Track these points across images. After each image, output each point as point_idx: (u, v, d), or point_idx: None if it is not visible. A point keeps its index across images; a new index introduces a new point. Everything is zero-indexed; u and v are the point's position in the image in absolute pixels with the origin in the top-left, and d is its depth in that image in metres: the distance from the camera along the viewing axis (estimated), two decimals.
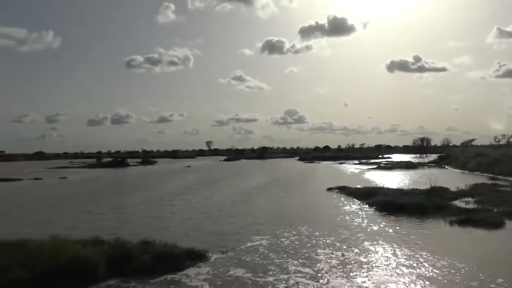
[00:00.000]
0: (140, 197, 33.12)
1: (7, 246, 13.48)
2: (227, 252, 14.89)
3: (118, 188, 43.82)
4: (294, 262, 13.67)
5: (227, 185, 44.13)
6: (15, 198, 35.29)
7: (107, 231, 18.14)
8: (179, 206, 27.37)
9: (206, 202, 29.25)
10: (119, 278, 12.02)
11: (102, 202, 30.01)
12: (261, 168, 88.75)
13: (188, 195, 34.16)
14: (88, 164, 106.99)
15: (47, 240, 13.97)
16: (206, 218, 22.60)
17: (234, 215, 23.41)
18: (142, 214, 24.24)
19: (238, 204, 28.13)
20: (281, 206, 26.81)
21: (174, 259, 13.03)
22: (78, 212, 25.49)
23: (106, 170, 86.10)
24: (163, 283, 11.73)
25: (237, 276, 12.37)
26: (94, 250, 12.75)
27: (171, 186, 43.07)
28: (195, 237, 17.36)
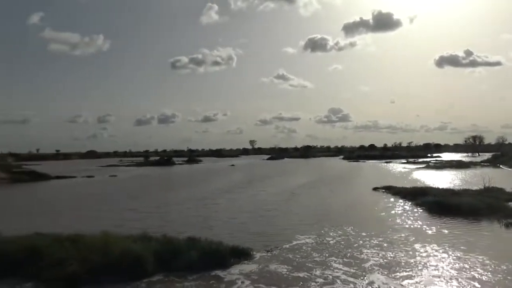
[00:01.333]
0: (186, 195, 33.86)
1: (63, 241, 14.24)
2: (271, 251, 14.92)
3: (164, 186, 45.04)
4: (338, 261, 13.51)
5: (271, 184, 44.19)
6: (70, 195, 37.14)
7: (154, 227, 18.70)
8: (223, 205, 27.73)
9: (250, 201, 29.46)
10: (167, 273, 12.36)
11: (149, 200, 30.98)
12: (305, 167, 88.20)
13: (232, 193, 34.54)
14: (136, 163, 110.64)
15: (99, 236, 14.62)
16: (250, 217, 22.75)
17: (278, 214, 23.42)
18: (187, 212, 24.79)
19: (282, 203, 28.09)
20: (326, 206, 26.49)
21: (220, 256, 13.22)
22: (127, 209, 26.47)
23: (153, 168, 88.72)
24: (208, 279, 11.93)
25: (281, 273, 12.37)
26: (143, 246, 13.18)
27: (215, 185, 43.71)
28: (240, 236, 17.51)
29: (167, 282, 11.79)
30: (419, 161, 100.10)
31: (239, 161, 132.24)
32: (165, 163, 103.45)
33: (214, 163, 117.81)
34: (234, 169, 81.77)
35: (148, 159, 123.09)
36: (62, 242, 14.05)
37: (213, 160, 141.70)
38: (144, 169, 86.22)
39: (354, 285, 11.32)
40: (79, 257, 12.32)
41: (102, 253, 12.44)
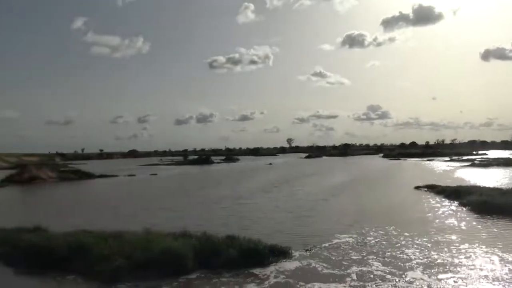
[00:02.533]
0: (223, 193, 34.19)
1: (107, 238, 14.77)
2: (310, 250, 14.79)
3: (202, 184, 45.68)
4: (378, 260, 13.25)
5: (309, 182, 43.87)
6: (113, 193, 38.41)
7: (193, 225, 18.87)
8: (260, 204, 27.77)
9: (287, 200, 29.35)
10: (206, 270, 12.52)
11: (188, 198, 31.54)
12: (343, 165, 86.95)
13: (269, 192, 34.56)
14: (175, 162, 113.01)
15: (141, 233, 15.05)
16: (288, 216, 22.66)
17: (316, 214, 23.19)
18: (225, 211, 25.01)
19: (320, 202, 27.81)
20: (366, 205, 25.95)
21: (258, 255, 13.25)
22: (167, 206, 27.05)
23: (192, 167, 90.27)
24: (247, 277, 11.98)
25: (320, 272, 12.26)
26: (183, 243, 13.42)
27: (252, 184, 43.89)
28: (277, 235, 17.45)
29: (206, 279, 11.94)
30: (463, 159, 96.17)
31: (276, 159, 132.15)
32: (203, 162, 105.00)
33: (252, 161, 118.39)
34: (271, 167, 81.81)
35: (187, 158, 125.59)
36: (107, 238, 14.60)
37: (250, 159, 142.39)
38: (183, 167, 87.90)
39: (394, 283, 11.07)
40: (123, 254, 12.73)
41: (144, 250, 12.78)
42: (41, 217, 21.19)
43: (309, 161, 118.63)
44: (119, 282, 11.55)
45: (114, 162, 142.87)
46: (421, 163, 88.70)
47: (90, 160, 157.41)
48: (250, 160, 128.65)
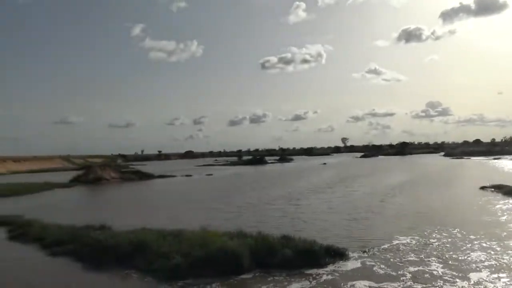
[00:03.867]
0: (278, 194, 34.18)
1: (166, 236, 15.30)
2: (368, 251, 14.40)
3: (257, 185, 45.98)
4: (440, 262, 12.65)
5: (365, 182, 42.78)
6: (171, 193, 39.67)
7: (248, 225, 19.08)
8: (315, 204, 27.41)
9: (343, 201, 28.78)
10: (262, 270, 12.57)
11: (243, 198, 31.87)
12: (401, 164, 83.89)
13: (324, 193, 34.09)
14: (230, 162, 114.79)
15: (198, 231, 15.42)
16: (343, 217, 22.17)
17: (373, 215, 22.53)
18: (278, 211, 24.92)
19: (377, 203, 26.96)
20: (426, 206, 24.77)
21: (314, 255, 13.10)
22: (222, 206, 27.54)
23: (247, 167, 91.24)
24: (303, 277, 11.88)
25: (378, 273, 11.91)
26: (239, 242, 13.57)
27: (306, 184, 43.55)
28: (333, 235, 17.18)
29: (262, 278, 11.99)
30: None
31: (330, 159, 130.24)
32: (257, 162, 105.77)
33: (306, 161, 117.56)
34: (325, 167, 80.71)
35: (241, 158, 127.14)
36: (166, 236, 15.14)
37: (304, 159, 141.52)
38: (238, 168, 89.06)
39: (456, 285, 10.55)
40: (181, 251, 13.12)
41: (201, 248, 13.08)
42: (106, 216, 22.40)
43: (365, 160, 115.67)
44: (178, 279, 11.90)
45: (171, 162, 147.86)
46: (486, 162, 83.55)
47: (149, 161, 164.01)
48: (304, 160, 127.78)
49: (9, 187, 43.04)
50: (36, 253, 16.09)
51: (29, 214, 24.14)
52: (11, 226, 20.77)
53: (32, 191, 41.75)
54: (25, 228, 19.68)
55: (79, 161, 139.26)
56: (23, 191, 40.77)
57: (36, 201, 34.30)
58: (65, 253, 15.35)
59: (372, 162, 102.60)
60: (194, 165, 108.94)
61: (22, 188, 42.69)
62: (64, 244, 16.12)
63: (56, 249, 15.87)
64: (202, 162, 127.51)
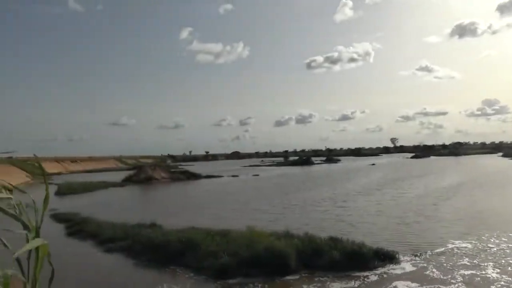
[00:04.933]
0: (323, 195, 33.67)
1: (214, 235, 15.55)
2: (420, 255, 13.86)
3: (303, 185, 45.60)
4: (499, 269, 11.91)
5: (416, 184, 41.24)
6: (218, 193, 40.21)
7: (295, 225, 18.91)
8: (364, 206, 26.73)
9: (393, 203, 27.86)
10: (309, 271, 12.45)
11: (288, 198, 31.70)
12: (455, 165, 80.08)
13: (372, 195, 33.19)
14: (276, 163, 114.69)
15: (245, 231, 15.52)
16: (393, 219, 21.46)
17: (424, 218, 21.62)
18: (325, 212, 24.60)
19: (430, 206, 25.84)
20: (484, 209, 23.45)
21: (362, 258, 12.82)
22: (268, 206, 27.58)
23: (293, 168, 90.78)
24: (351, 280, 11.65)
25: (431, 277, 11.43)
26: (285, 243, 13.52)
27: (354, 185, 42.65)
28: (383, 239, 16.65)
29: (309, 279, 11.88)
30: None
31: (379, 160, 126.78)
32: (304, 162, 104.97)
33: (353, 162, 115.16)
34: (374, 168, 78.65)
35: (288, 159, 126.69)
36: (214, 236, 15.38)
37: (351, 159, 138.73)
38: (284, 168, 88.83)
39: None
40: (229, 251, 13.27)
41: (249, 248, 13.16)
42: (156, 214, 23.11)
43: (416, 161, 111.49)
44: (225, 278, 12.05)
45: (218, 163, 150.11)
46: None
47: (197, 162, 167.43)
48: (352, 161, 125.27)
49: (67, 186, 45.52)
50: (92, 249, 16.90)
51: (85, 211, 25.41)
52: (69, 223, 21.95)
53: (88, 189, 43.95)
54: (82, 225, 20.75)
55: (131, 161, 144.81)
56: (80, 190, 42.99)
57: (91, 199, 36.04)
58: (118, 249, 16.04)
59: (423, 163, 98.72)
60: (240, 165, 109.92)
61: (79, 187, 44.99)
62: (117, 241, 16.84)
63: (110, 245, 16.61)
64: (249, 163, 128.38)
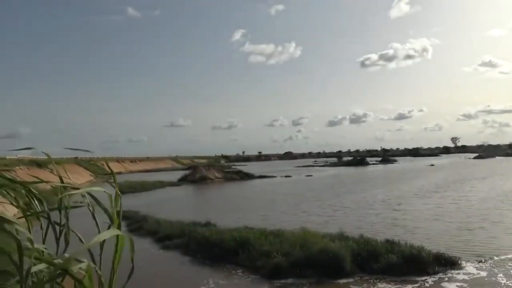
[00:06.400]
0: (378, 197, 32.72)
1: (267, 235, 15.65)
2: (485, 261, 13.10)
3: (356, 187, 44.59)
4: None
5: (480, 186, 38.95)
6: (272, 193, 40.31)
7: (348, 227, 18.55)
8: (421, 209, 25.55)
9: (453, 206, 26.39)
10: (365, 274, 12.18)
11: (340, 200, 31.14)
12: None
13: (431, 197, 31.71)
14: (330, 163, 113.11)
15: (299, 232, 15.47)
16: (454, 224, 20.28)
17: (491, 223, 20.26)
18: (379, 214, 23.86)
19: (495, 209, 24.32)
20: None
21: (421, 262, 12.34)
22: (319, 208, 27.29)
23: (347, 168, 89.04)
24: (409, 285, 11.25)
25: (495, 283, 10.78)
26: (340, 245, 13.32)
27: (411, 187, 41.11)
28: (442, 242, 15.94)
29: (365, 283, 11.62)
30: None
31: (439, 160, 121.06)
32: (358, 163, 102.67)
33: (411, 162, 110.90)
34: (433, 169, 75.23)
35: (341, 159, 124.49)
36: (267, 236, 15.49)
37: (409, 160, 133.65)
38: (338, 169, 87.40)
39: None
40: (282, 251, 13.30)
41: (303, 249, 13.11)
42: (210, 213, 23.66)
43: (479, 162, 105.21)
44: (279, 278, 12.08)
45: (271, 163, 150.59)
46: None
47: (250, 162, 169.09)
48: (409, 161, 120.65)
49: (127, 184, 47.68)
50: (151, 245, 17.60)
51: (144, 209, 26.48)
52: (129, 220, 22.98)
53: (146, 188, 45.80)
54: (141, 223, 21.65)
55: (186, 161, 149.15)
56: (139, 189, 44.88)
57: (150, 198, 37.52)
58: (175, 246, 16.61)
59: (487, 163, 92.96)
60: (293, 166, 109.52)
61: (138, 185, 46.96)
62: (174, 238, 17.43)
63: (167, 242, 17.24)
64: (301, 163, 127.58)
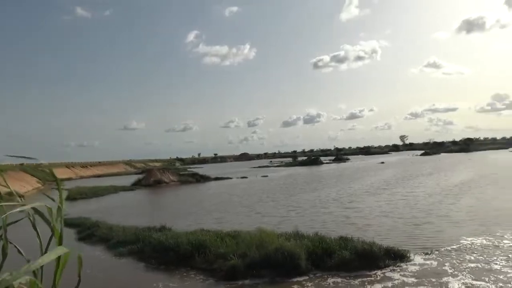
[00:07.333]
0: (332, 195, 33.53)
1: (223, 237, 15.56)
2: (431, 253, 13.75)
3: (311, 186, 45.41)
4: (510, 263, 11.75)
5: (427, 182, 40.92)
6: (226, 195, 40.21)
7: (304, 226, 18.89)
8: (372, 206, 26.46)
9: (402, 202, 27.58)
10: (320, 271, 12.40)
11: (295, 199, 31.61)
12: (466, 162, 79.21)
13: (382, 194, 32.97)
14: (285, 163, 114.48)
15: (255, 232, 15.51)
16: (403, 219, 21.17)
17: (436, 217, 21.33)
18: (332, 213, 24.35)
19: (438, 204, 25.58)
20: (498, 206, 23.08)
21: (373, 257, 12.74)
22: (275, 208, 27.53)
23: (302, 168, 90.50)
24: (362, 279, 11.58)
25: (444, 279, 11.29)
26: (295, 244, 13.49)
27: (363, 184, 42.44)
28: (392, 237, 16.51)
29: (320, 280, 11.83)
30: None
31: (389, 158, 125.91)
32: (312, 162, 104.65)
33: (362, 161, 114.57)
34: (383, 167, 78.12)
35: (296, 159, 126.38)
36: (223, 237, 15.39)
37: (361, 158, 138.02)
38: (293, 169, 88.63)
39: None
40: (238, 252, 13.27)
41: (258, 249, 13.14)
42: (165, 217, 23.20)
43: (426, 158, 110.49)
44: (236, 279, 12.05)
45: (227, 165, 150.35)
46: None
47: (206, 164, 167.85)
48: (361, 160, 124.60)
49: (77, 190, 45.87)
50: (103, 252, 17.00)
51: (96, 215, 25.59)
52: (80, 228, 22.10)
53: (98, 194, 44.28)
54: (93, 229, 20.87)
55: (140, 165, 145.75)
56: (91, 194, 43.32)
57: (102, 204, 36.29)
58: (129, 253, 16.12)
59: (433, 160, 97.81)
60: (249, 167, 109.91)
61: (89, 191, 45.32)
62: (127, 244, 16.92)
63: (120, 249, 16.70)
64: (257, 164, 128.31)
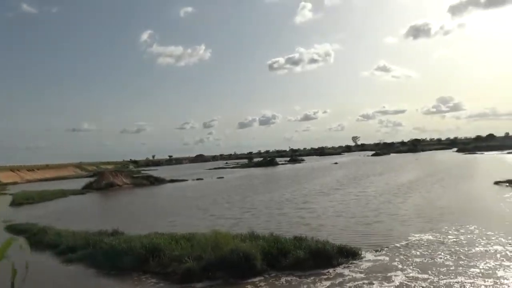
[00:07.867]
0: (286, 195, 33.93)
1: (178, 239, 15.33)
2: (381, 250, 14.26)
3: (266, 187, 45.85)
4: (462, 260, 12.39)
5: (377, 181, 42.40)
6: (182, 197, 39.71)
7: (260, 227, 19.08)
8: (325, 206, 27.02)
9: (354, 201, 28.46)
10: (275, 271, 12.52)
11: (250, 201, 31.75)
12: (413, 162, 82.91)
13: (335, 194, 33.80)
14: (241, 164, 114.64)
15: (210, 235, 15.39)
16: (355, 217, 21.90)
17: (385, 214, 22.20)
18: (286, 213, 24.63)
19: (388, 202, 26.59)
20: (443, 204, 24.33)
21: (327, 255, 13.02)
22: (230, 209, 27.50)
23: (257, 169, 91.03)
24: (316, 278, 11.80)
25: (392, 273, 11.75)
26: (251, 244, 13.52)
27: (317, 185, 43.31)
28: (345, 236, 16.96)
29: (275, 279, 11.93)
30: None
31: (342, 158, 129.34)
32: (268, 164, 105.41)
33: (317, 161, 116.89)
34: (336, 167, 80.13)
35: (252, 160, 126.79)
36: (178, 240, 15.16)
37: (315, 159, 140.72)
38: (249, 170, 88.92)
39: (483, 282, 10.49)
40: (193, 255, 13.13)
41: (214, 251, 13.06)
42: (118, 221, 22.53)
43: (376, 158, 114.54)
44: (191, 282, 11.91)
45: (182, 167, 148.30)
46: (500, 156, 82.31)
47: (161, 166, 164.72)
48: (315, 160, 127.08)
49: (23, 195, 43.59)
50: (51, 259, 16.25)
51: (43, 221, 24.41)
52: (26, 234, 20.97)
53: (46, 198, 42.27)
54: (40, 236, 19.90)
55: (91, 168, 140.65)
56: (38, 199, 41.29)
57: (50, 208, 34.68)
58: (79, 259, 15.49)
59: (384, 160, 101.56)
60: (205, 168, 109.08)
61: (36, 196, 43.19)
62: (77, 250, 16.27)
63: (70, 255, 16.02)
64: (213, 165, 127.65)
